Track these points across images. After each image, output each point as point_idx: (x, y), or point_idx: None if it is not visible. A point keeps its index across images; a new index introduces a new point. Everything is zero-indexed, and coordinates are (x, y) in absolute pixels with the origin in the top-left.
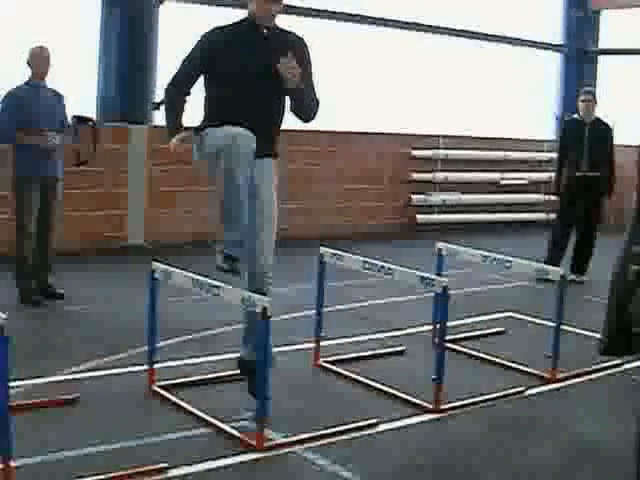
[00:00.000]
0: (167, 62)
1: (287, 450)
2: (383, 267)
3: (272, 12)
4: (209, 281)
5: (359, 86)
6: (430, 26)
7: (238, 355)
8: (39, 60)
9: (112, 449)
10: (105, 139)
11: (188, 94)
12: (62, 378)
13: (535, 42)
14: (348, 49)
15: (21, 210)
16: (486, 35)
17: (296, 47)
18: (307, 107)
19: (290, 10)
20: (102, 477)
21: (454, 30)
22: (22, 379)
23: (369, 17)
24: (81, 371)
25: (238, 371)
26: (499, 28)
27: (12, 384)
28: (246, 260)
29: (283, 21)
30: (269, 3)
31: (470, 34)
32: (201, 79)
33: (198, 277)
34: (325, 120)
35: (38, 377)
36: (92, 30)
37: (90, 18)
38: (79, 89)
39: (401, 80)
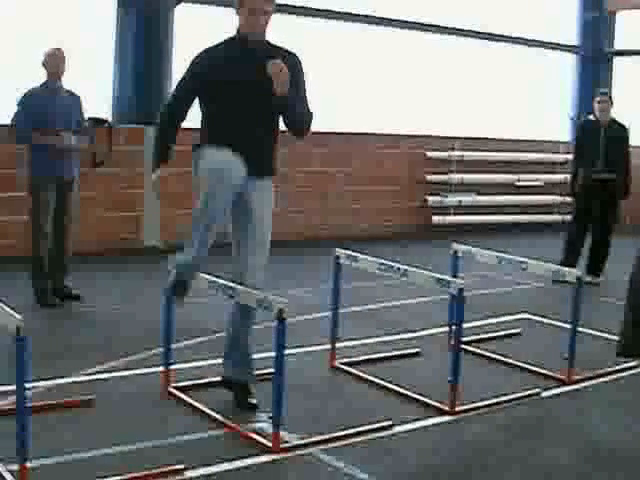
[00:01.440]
0: (183, 63)
1: (303, 452)
2: (399, 269)
3: (260, 24)
4: (224, 282)
5: (375, 87)
6: (447, 28)
7: (222, 374)
8: (55, 61)
9: (128, 450)
10: (121, 140)
11: (183, 119)
12: (78, 379)
13: (550, 43)
14: (366, 50)
15: (37, 211)
16: (502, 36)
17: (288, 62)
18: (298, 118)
19: (299, 11)
20: (118, 478)
21: (471, 32)
22: (38, 380)
23: (386, 19)
24: (97, 372)
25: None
26: (515, 29)
27: (28, 385)
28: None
29: (300, 22)
30: (254, 15)
31: (486, 35)
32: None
33: (213, 278)
34: (341, 121)
35: (54, 378)
36: (108, 31)
37: (106, 19)
38: (95, 90)
39: (417, 81)
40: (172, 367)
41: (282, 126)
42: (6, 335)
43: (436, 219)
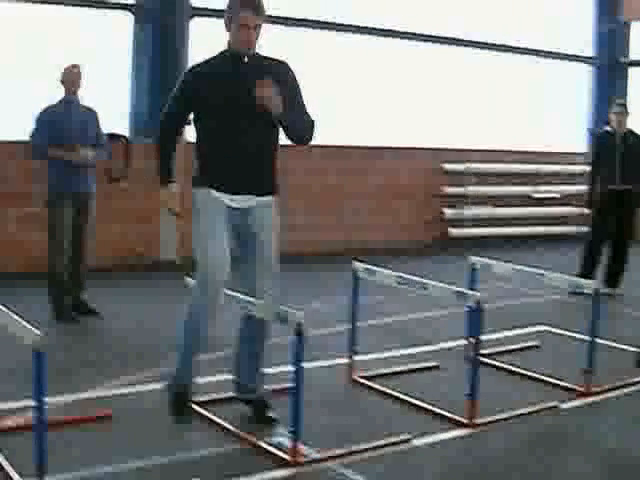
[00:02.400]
0: None
1: (322, 466)
2: (417, 282)
3: (251, 39)
4: (242, 297)
5: (392, 101)
6: (463, 40)
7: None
8: (71, 77)
9: (145, 465)
10: (137, 155)
11: (180, 133)
12: (95, 394)
13: (566, 54)
14: (382, 63)
15: (54, 226)
16: (518, 48)
17: (280, 72)
18: (298, 133)
19: (311, 24)
20: None
21: (487, 44)
22: (55, 395)
23: (401, 32)
24: (114, 387)
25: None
26: (531, 41)
27: (46, 400)
28: None
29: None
30: (245, 29)
31: (502, 48)
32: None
33: (231, 293)
34: (357, 135)
35: (72, 393)
36: (124, 46)
37: (122, 34)
38: (111, 105)
39: (433, 94)
40: None
41: (283, 138)
42: (24, 350)
43: (453, 232)
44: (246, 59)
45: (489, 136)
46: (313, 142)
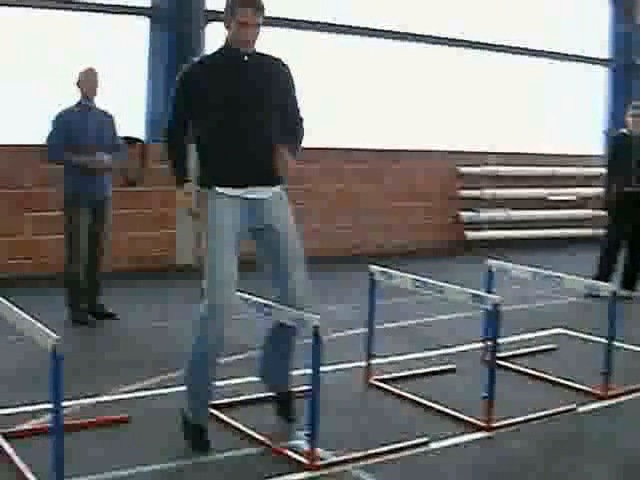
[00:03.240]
0: None
1: (339, 469)
2: (434, 285)
3: (251, 38)
4: (259, 300)
5: (407, 103)
6: (479, 43)
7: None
8: (88, 81)
9: (162, 468)
10: (153, 159)
11: (187, 133)
12: (113, 397)
13: (582, 57)
14: (399, 65)
15: (70, 229)
16: (533, 50)
17: (279, 71)
18: (293, 148)
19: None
20: None
21: (502, 46)
22: (72, 399)
23: (416, 35)
24: (131, 391)
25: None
26: (546, 43)
27: (63, 403)
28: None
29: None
30: (245, 27)
31: (518, 50)
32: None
33: (247, 296)
34: (373, 138)
35: (89, 396)
36: (140, 50)
37: (138, 39)
38: (128, 109)
39: (448, 97)
40: None
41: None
42: (41, 353)
43: (469, 235)
44: (246, 57)
45: (505, 138)
46: (330, 145)
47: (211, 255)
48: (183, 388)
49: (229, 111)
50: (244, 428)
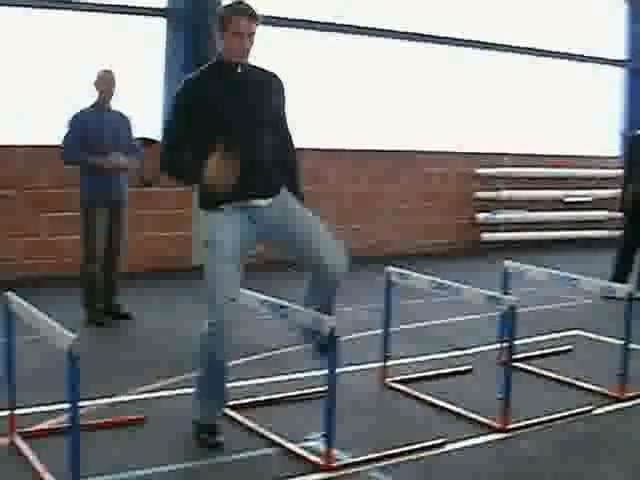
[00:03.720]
0: None
1: (355, 470)
2: (450, 286)
3: (245, 48)
4: (277, 301)
5: (423, 104)
6: (495, 44)
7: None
8: (105, 82)
9: (178, 469)
10: None
11: (186, 149)
12: (128, 398)
13: (598, 58)
14: (414, 67)
15: (87, 230)
16: (550, 52)
17: (273, 85)
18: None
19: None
20: None
21: (519, 48)
22: (88, 399)
23: (434, 36)
24: (148, 391)
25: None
26: (562, 44)
27: (80, 403)
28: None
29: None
30: (240, 38)
31: (534, 51)
32: None
33: (265, 297)
34: (389, 139)
35: (105, 397)
36: (157, 52)
37: (155, 40)
38: (144, 110)
39: (464, 98)
40: None
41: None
42: (57, 353)
43: (485, 236)
44: (239, 69)
45: (521, 140)
46: (346, 147)
47: (210, 273)
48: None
49: (229, 129)
50: (260, 429)
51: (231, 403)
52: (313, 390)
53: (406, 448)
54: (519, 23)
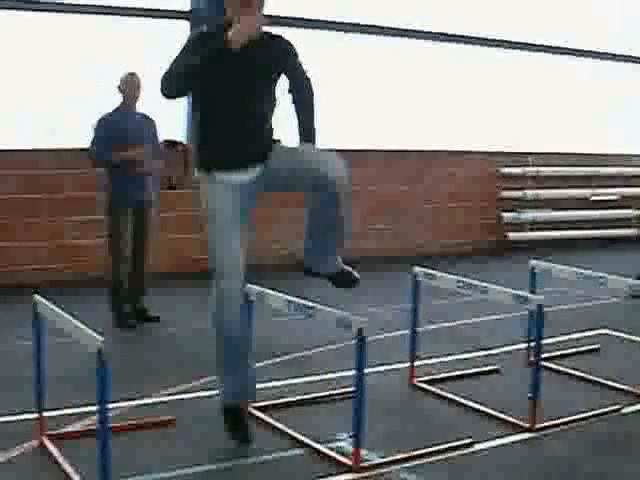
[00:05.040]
0: None
1: (383, 470)
2: (477, 286)
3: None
4: (303, 302)
5: (448, 104)
6: (521, 43)
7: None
8: (130, 86)
9: (210, 469)
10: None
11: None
12: (157, 400)
13: (623, 56)
14: (439, 66)
15: (115, 233)
16: (577, 50)
17: (280, 45)
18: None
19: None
20: None
21: (545, 46)
22: (117, 401)
23: (458, 35)
24: (177, 392)
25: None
26: (589, 43)
27: (109, 406)
28: None
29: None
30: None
31: (560, 50)
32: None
33: (292, 298)
34: (414, 139)
35: (134, 399)
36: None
37: (178, 42)
38: (169, 112)
39: (489, 97)
40: None
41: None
42: (86, 355)
43: (511, 235)
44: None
45: (546, 139)
46: (371, 147)
47: (212, 241)
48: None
49: (225, 93)
50: (288, 430)
51: (260, 404)
52: (341, 391)
53: (434, 448)
54: (550, 22)
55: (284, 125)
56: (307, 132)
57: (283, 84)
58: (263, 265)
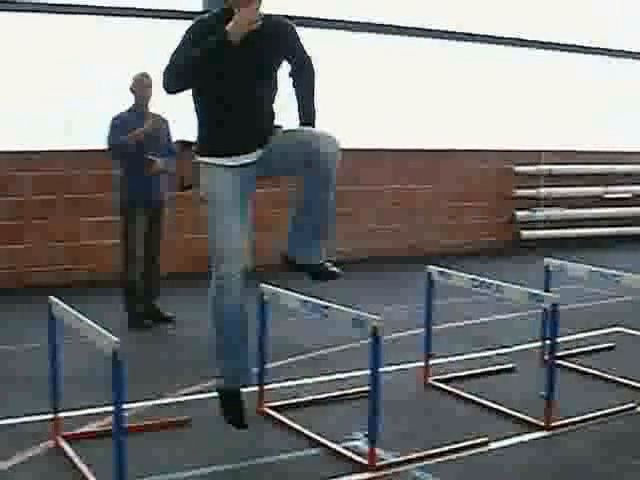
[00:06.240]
0: None
1: (399, 469)
2: (492, 284)
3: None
4: (317, 302)
5: (462, 102)
6: (534, 41)
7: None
8: (142, 86)
9: (224, 470)
10: None
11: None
12: (172, 400)
13: (637, 53)
14: (451, 66)
15: (128, 234)
16: (590, 48)
17: (280, 28)
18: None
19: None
20: None
21: (557, 44)
22: (132, 402)
23: (473, 34)
24: (191, 393)
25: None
26: (602, 40)
27: (125, 406)
28: None
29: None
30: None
31: (574, 48)
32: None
33: (306, 298)
34: (428, 138)
35: (149, 399)
36: None
37: None
38: (182, 114)
39: (503, 95)
40: (266, 387)
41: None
42: (101, 356)
43: (525, 234)
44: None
45: (560, 136)
46: (385, 146)
47: (211, 225)
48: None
49: (226, 81)
50: (304, 429)
51: (275, 404)
52: (356, 390)
53: (450, 447)
54: (562, 19)
55: (287, 111)
56: (307, 115)
57: (284, 68)
58: (276, 265)
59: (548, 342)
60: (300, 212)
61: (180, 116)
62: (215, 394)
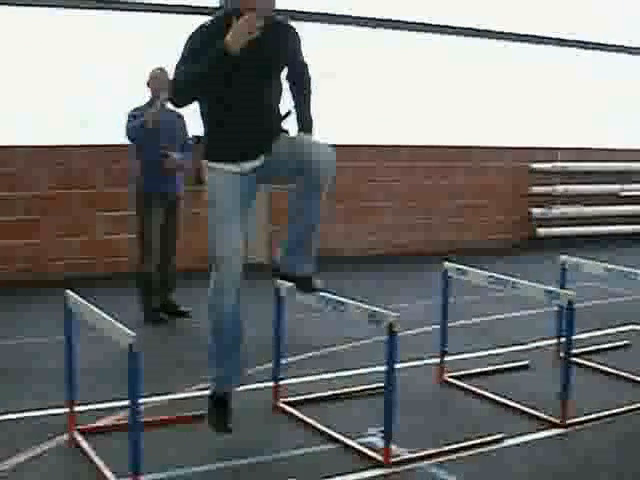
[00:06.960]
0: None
1: (414, 466)
2: (508, 281)
3: (259, 4)
4: (334, 297)
5: (478, 100)
6: (548, 38)
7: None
8: (158, 81)
9: (239, 465)
10: None
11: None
12: (187, 395)
13: None
14: (468, 64)
15: (144, 227)
16: (606, 45)
17: (280, 31)
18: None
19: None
20: None
21: (572, 41)
22: (148, 396)
23: (491, 31)
24: (207, 388)
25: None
26: (617, 37)
27: (140, 400)
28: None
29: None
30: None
31: (590, 45)
32: None
33: (323, 294)
34: (443, 135)
35: (165, 394)
36: None
37: None
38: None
39: (519, 93)
40: (282, 382)
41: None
42: (116, 350)
43: (541, 231)
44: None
45: (576, 134)
46: (401, 143)
47: (212, 226)
48: (255, 385)
49: (232, 88)
50: (318, 425)
51: (289, 400)
52: (372, 386)
53: (465, 444)
54: (576, 16)
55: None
56: (305, 122)
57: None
58: None
59: (564, 339)
60: (292, 221)
61: (194, 112)
62: None
